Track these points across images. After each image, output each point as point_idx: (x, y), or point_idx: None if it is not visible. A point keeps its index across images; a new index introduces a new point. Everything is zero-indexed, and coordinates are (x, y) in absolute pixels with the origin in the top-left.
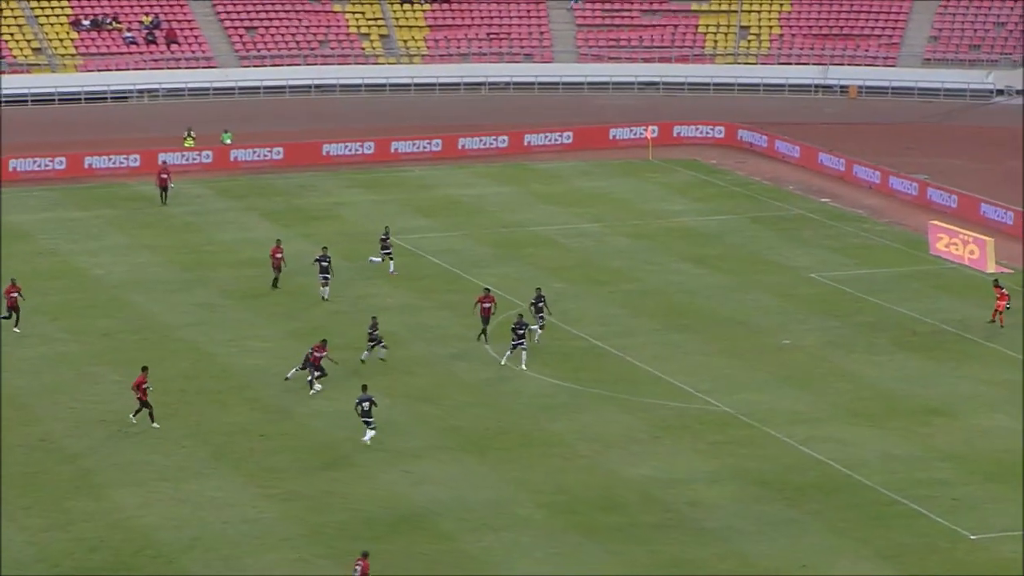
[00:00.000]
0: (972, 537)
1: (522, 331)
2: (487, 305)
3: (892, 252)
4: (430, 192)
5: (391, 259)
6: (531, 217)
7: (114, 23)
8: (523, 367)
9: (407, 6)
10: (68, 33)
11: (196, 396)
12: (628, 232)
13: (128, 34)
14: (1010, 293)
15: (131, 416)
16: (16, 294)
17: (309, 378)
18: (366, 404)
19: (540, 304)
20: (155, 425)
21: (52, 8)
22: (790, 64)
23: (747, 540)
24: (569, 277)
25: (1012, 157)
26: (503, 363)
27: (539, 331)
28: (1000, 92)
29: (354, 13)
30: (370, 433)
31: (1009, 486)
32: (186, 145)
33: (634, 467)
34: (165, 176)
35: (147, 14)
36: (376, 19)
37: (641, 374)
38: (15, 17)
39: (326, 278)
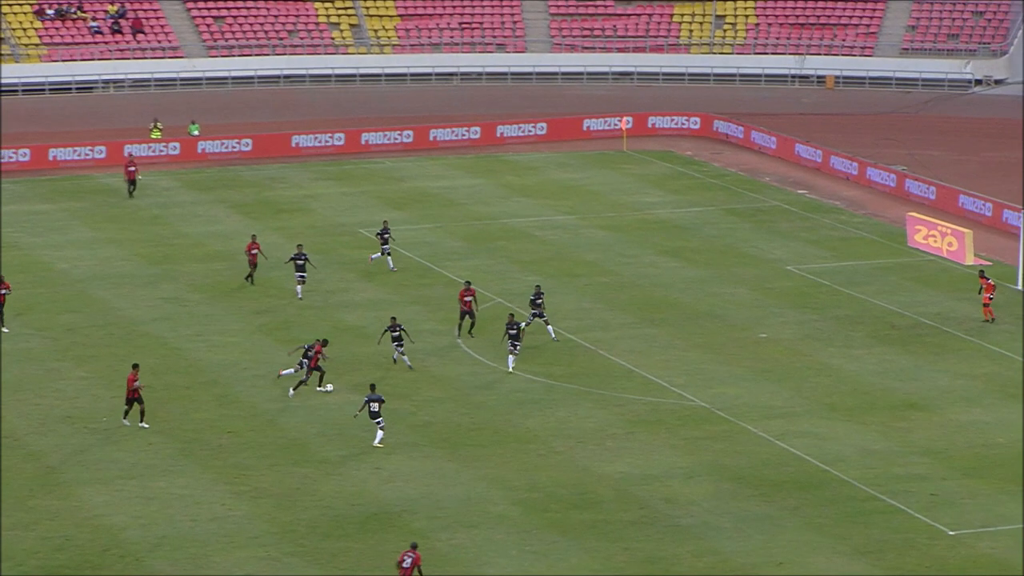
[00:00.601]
0: (951, 533)
1: (515, 331)
2: (468, 299)
3: (870, 244)
4: (401, 184)
5: (388, 255)
6: (504, 209)
7: (79, 12)
8: (509, 369)
9: None
10: (32, 23)
11: (163, 392)
12: (602, 224)
13: (93, 24)
14: (995, 283)
15: (141, 423)
16: (5, 291)
17: (304, 379)
18: (375, 405)
19: (539, 301)
20: (126, 422)
21: None
22: (766, 54)
23: (723, 537)
24: (543, 270)
25: (990, 148)
26: (510, 370)
27: (523, 326)
28: (978, 82)
29: (324, 2)
30: (379, 435)
31: (987, 481)
32: (153, 136)
33: (609, 463)
34: (133, 169)
35: (112, 3)
36: (346, 8)
37: (615, 368)
38: None
39: (302, 277)
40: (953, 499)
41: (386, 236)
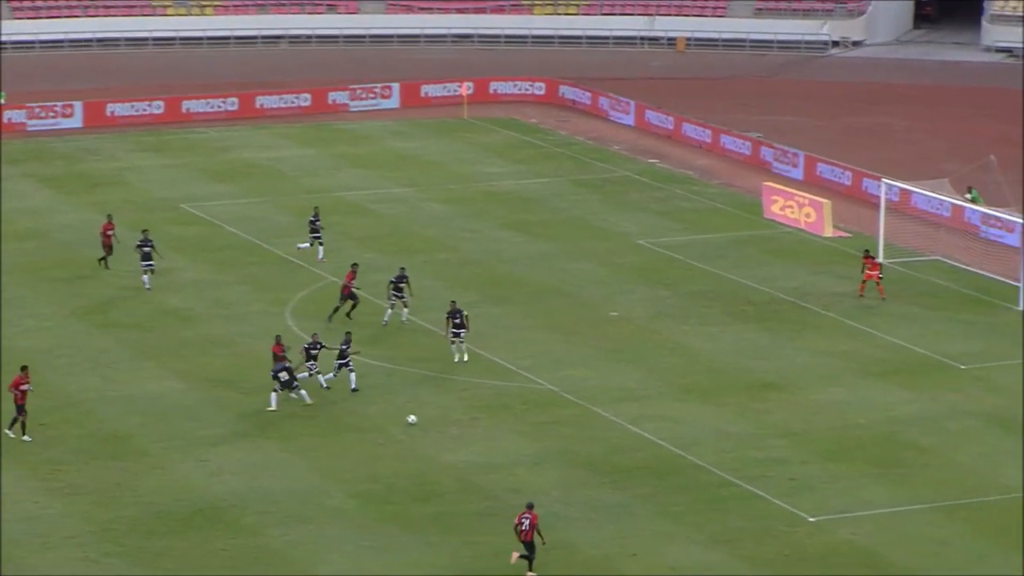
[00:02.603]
0: (810, 519)
1: (459, 319)
2: (353, 282)
3: (724, 216)
4: (225, 155)
5: (320, 244)
6: (338, 182)
7: None
8: (464, 358)
9: None
10: None
11: None
12: (443, 197)
13: None
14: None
15: (7, 430)
16: None
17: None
18: (284, 374)
19: (401, 284)
20: (10, 432)
21: None
22: (614, 15)
23: (573, 527)
24: (380, 246)
25: (849, 113)
26: (465, 360)
27: (389, 312)
28: (836, 44)
29: None
30: (304, 392)
31: (848, 464)
32: None
33: (452, 452)
34: None
35: None
36: None
37: None
38: None
39: (149, 265)
40: (813, 484)
41: (317, 224)
